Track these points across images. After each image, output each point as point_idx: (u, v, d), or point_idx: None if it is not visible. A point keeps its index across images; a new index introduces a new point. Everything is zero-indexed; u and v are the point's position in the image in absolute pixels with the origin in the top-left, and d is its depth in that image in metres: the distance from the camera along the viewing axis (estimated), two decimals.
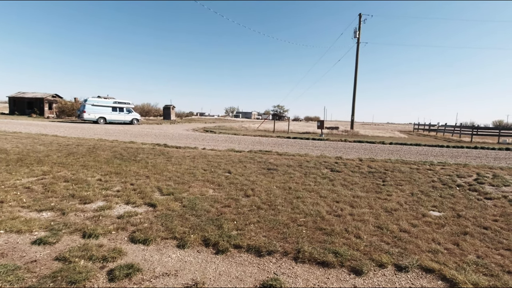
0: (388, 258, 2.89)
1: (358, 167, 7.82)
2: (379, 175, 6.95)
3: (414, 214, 4.30)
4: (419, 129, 39.71)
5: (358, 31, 25.21)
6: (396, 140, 19.40)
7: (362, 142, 16.81)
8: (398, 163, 8.76)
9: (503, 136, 22.73)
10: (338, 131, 24.63)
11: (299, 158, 8.99)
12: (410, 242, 3.29)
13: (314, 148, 12.67)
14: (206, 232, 3.33)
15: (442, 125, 32.56)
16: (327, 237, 3.33)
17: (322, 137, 18.39)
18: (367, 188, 5.68)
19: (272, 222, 3.70)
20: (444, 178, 6.81)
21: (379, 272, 2.71)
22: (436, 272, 2.71)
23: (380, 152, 12.08)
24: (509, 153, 13.93)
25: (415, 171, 7.63)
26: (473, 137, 22.86)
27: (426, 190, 5.70)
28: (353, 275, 2.65)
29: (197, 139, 15.15)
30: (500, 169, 8.40)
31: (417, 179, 6.62)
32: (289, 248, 3.05)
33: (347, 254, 2.92)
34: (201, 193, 4.90)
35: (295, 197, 4.85)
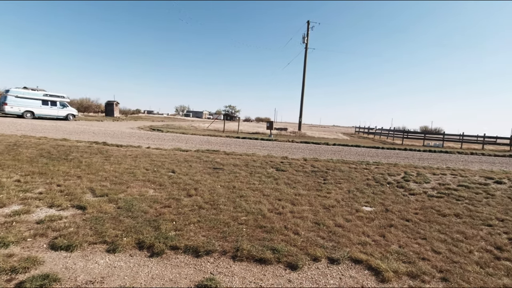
0: (322, 252, 3.03)
1: (302, 166, 8.14)
2: (321, 174, 7.32)
3: (349, 209, 4.60)
4: (359, 132, 43.10)
5: (306, 37, 26.41)
6: (339, 141, 20.72)
7: (308, 143, 17.60)
8: (339, 163, 9.33)
9: (427, 139, 25.86)
10: (286, 132, 25.45)
11: (246, 157, 9.04)
12: (343, 236, 3.50)
13: (262, 148, 12.89)
14: (141, 234, 3.12)
15: (379, 128, 35.83)
16: (266, 235, 3.37)
17: (271, 138, 18.83)
18: (309, 187, 5.93)
19: (213, 222, 3.62)
20: (377, 177, 7.43)
21: (313, 265, 2.82)
22: (364, 263, 2.91)
23: (324, 152, 12.77)
24: (431, 154, 15.83)
25: (353, 170, 8.20)
26: (404, 140, 25.63)
27: (361, 188, 6.15)
28: (288, 270, 2.71)
29: (141, 137, 14.33)
30: (423, 168, 9.46)
31: (354, 178, 7.12)
32: (228, 247, 3.02)
33: (284, 250, 2.99)
34: (140, 193, 4.61)
35: (239, 196, 4.84)
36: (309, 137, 23.53)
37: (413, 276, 2.72)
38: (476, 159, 14.59)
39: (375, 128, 37.70)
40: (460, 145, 23.10)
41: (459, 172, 8.89)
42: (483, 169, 10.37)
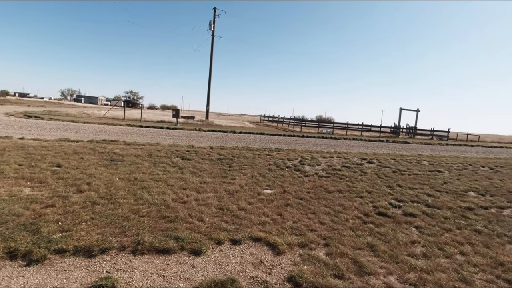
0: (225, 235, 3.18)
1: (208, 154, 8.19)
2: (227, 161, 7.53)
3: (252, 193, 4.91)
4: (265, 120, 45.77)
5: (213, 24, 26.16)
6: (246, 129, 21.60)
7: (216, 131, 17.76)
8: (244, 150, 9.77)
9: (321, 127, 29.55)
10: (194, 121, 25.00)
11: (149, 147, 8.52)
12: (245, 218, 3.73)
13: (167, 137, 12.35)
14: (13, 241, 2.62)
15: (281, 117, 38.84)
16: (170, 224, 3.30)
17: (177, 126, 18.19)
18: (215, 174, 6.04)
19: (110, 217, 3.33)
20: (278, 162, 8.11)
21: (216, 249, 2.93)
22: (263, 240, 3.19)
23: (230, 140, 13.12)
24: (323, 140, 18.19)
25: (257, 156, 8.73)
26: (302, 128, 28.59)
27: (263, 173, 6.62)
28: (192, 256, 2.75)
29: (11, 126, 11.74)
30: (316, 153, 10.81)
31: (258, 163, 7.60)
32: (128, 242, 2.84)
33: (188, 237, 3.00)
34: (10, 194, 3.82)
35: (141, 188, 4.56)
36: (216, 125, 23.72)
37: (303, 245, 3.14)
38: (356, 143, 17.52)
39: (278, 116, 40.75)
40: (345, 132, 27.29)
41: (343, 155, 10.52)
42: (360, 151, 12.55)
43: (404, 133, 32.59)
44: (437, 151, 15.98)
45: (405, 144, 20.32)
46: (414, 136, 31.01)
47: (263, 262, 2.75)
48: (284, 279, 2.51)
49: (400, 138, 26.85)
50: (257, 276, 2.51)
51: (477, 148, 21.37)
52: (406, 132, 32.74)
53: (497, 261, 3.12)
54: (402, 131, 32.30)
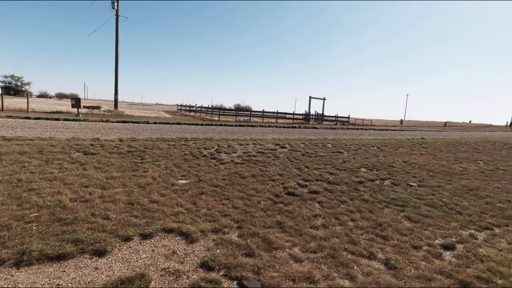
0: (135, 231, 3.00)
1: (117, 147, 7.49)
2: (139, 153, 7.03)
3: (165, 185, 4.73)
4: (182, 110, 44.16)
5: (116, 2, 23.46)
6: (161, 120, 20.43)
7: (127, 122, 16.29)
8: (158, 141, 9.26)
9: (239, 116, 30.16)
10: (100, 111, 22.36)
11: (40, 142, 7.26)
12: (157, 211, 3.58)
13: (65, 130, 10.73)
14: None
15: (199, 106, 38.07)
16: (67, 227, 2.93)
17: (79, 118, 15.98)
18: (124, 168, 5.58)
19: None
20: (194, 151, 7.97)
21: (124, 246, 2.74)
22: (176, 230, 3.13)
23: (143, 131, 12.24)
24: (240, 128, 18.63)
25: (172, 147, 8.39)
26: (221, 116, 28.64)
27: (178, 163, 6.42)
28: (96, 257, 2.51)
29: None
30: (232, 141, 11.01)
31: (173, 154, 7.32)
32: (8, 253, 2.40)
33: (90, 238, 2.72)
34: None
35: (27, 190, 3.88)
36: (128, 116, 21.75)
37: (216, 231, 3.21)
38: (271, 130, 18.52)
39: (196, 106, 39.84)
40: (262, 120, 28.51)
41: (258, 142, 11.00)
42: (274, 137, 13.33)
43: (314, 119, 36.01)
44: (340, 135, 18.18)
45: (314, 129, 22.48)
46: (322, 122, 34.59)
47: (175, 252, 2.71)
48: (197, 265, 2.53)
49: (310, 124, 29.60)
50: (169, 267, 2.46)
51: (369, 131, 25.15)
52: (315, 118, 36.24)
53: (377, 223, 3.80)
54: (312, 117, 35.61)
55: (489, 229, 3.88)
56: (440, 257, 3.03)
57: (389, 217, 4.07)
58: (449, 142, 17.15)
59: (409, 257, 2.94)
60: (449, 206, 4.74)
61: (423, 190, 5.64)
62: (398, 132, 25.59)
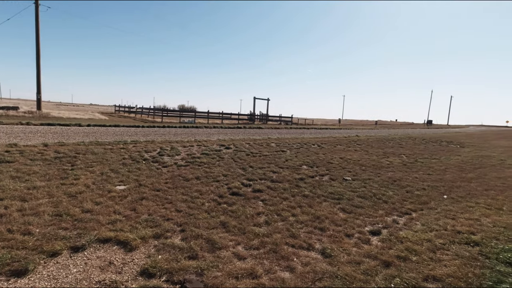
0: (64, 244, 2.73)
1: (41, 153, 6.67)
2: (69, 159, 6.37)
3: (101, 192, 4.38)
4: (120, 111, 41.16)
5: None
6: (96, 122, 18.78)
7: (54, 125, 14.60)
8: (92, 145, 8.50)
9: (183, 117, 29.29)
10: (18, 112, 19.61)
11: None
12: (91, 221, 3.31)
13: None
14: None
15: (140, 107, 35.93)
16: None
17: None
18: (50, 176, 5.01)
19: None
20: (134, 155, 7.52)
21: (50, 262, 2.48)
22: (113, 240, 2.93)
23: (74, 135, 11.11)
24: (184, 129, 18.10)
25: (109, 151, 7.79)
26: (164, 118, 27.46)
27: (116, 168, 5.99)
28: (15, 278, 2.23)
29: None
30: (176, 143, 10.65)
31: (110, 159, 6.80)
32: None
33: (6, 258, 2.40)
34: None
35: None
36: (55, 117, 19.50)
37: (158, 236, 3.09)
38: (216, 131, 18.38)
39: (136, 106, 37.53)
40: (207, 121, 28.12)
41: (203, 143, 10.84)
42: (220, 138, 13.27)
43: (259, 119, 36.79)
44: (283, 134, 18.89)
45: (259, 129, 22.97)
46: (267, 122, 35.53)
47: (112, 263, 2.54)
48: (136, 273, 2.41)
49: (255, 124, 30.16)
50: (105, 279, 2.30)
51: (311, 130, 26.61)
52: (260, 118, 37.06)
53: (316, 216, 4.06)
54: (256, 118, 36.33)
55: (408, 214, 4.45)
56: (369, 242, 3.37)
57: (327, 210, 4.39)
58: (379, 139, 19.09)
59: (342, 245, 3.21)
60: (377, 196, 5.29)
61: (356, 183, 6.20)
62: (336, 131, 27.59)
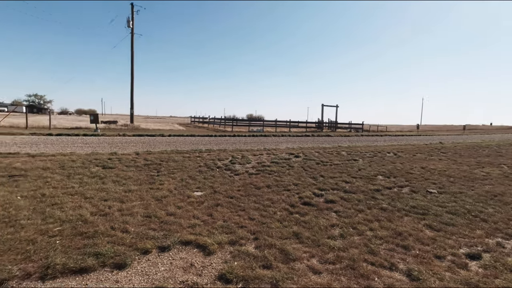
0: (153, 243, 3.04)
1: (134, 161, 7.67)
2: (154, 166, 7.17)
3: (181, 197, 4.79)
4: (195, 122, 44.87)
5: (132, 20, 24.41)
6: (175, 132, 20.82)
7: (142, 136, 16.69)
8: (173, 154, 9.42)
9: (252, 126, 30.38)
10: (117, 126, 23.02)
11: (61, 158, 7.53)
12: (174, 223, 3.63)
13: (84, 145, 11.09)
14: None
15: (212, 118, 38.58)
16: (89, 241, 3.01)
17: (97, 133, 16.51)
18: (141, 181, 5.70)
19: (9, 243, 2.86)
20: (208, 163, 8.05)
21: (143, 259, 2.78)
22: (193, 243, 3.15)
23: (158, 144, 12.49)
24: (253, 138, 18.71)
25: (187, 159, 8.51)
26: (234, 127, 28.91)
27: (193, 175, 6.50)
28: (116, 270, 2.56)
29: None
30: (246, 151, 11.06)
31: (188, 166, 7.42)
32: (34, 267, 2.48)
33: (110, 252, 2.78)
34: None
35: (50, 204, 4.02)
36: (143, 129, 22.30)
37: (233, 243, 3.21)
38: (284, 140, 18.50)
39: (209, 117, 40.37)
40: (275, 129, 28.60)
41: (272, 152, 11.00)
42: (288, 147, 13.31)
43: (327, 127, 35.78)
44: (354, 142, 17.96)
45: (328, 137, 22.31)
46: (336, 130, 34.32)
47: (193, 265, 2.73)
48: (214, 278, 2.53)
49: (324, 132, 29.41)
50: (187, 280, 2.47)
51: (385, 137, 24.70)
52: (329, 126, 35.99)
53: (397, 232, 3.69)
54: (325, 125, 35.38)
55: None
56: (466, 267, 2.91)
57: (409, 225, 3.96)
58: (469, 146, 16.61)
59: (432, 267, 2.84)
60: (472, 213, 4.56)
61: (444, 197, 5.46)
62: (414, 138, 25.02)
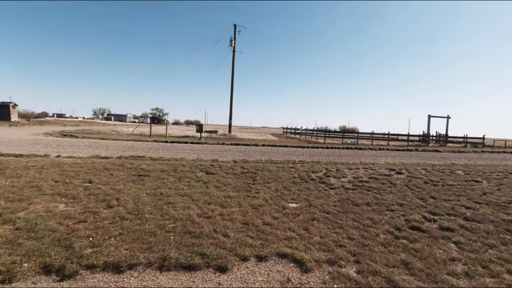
0: (251, 251, 3.11)
1: (232, 168, 8.22)
2: (250, 175, 7.51)
3: (277, 207, 4.82)
4: (287, 132, 45.66)
5: (234, 40, 26.85)
6: (268, 142, 21.58)
7: (239, 145, 17.88)
8: (267, 163, 9.72)
9: (345, 138, 28.97)
10: (216, 135, 25.40)
11: (174, 162, 8.70)
12: (271, 234, 3.65)
13: (191, 151, 12.59)
14: (48, 256, 2.72)
15: (304, 129, 38.63)
16: (195, 240, 3.30)
17: (201, 141, 18.54)
18: (239, 188, 6.03)
19: (137, 233, 3.38)
20: (302, 174, 7.97)
21: (242, 265, 2.87)
22: (290, 256, 3.09)
23: (253, 153, 13.14)
24: (348, 151, 17.74)
25: (281, 169, 8.63)
26: (326, 139, 28.14)
27: (288, 186, 6.51)
28: (218, 273, 2.70)
29: (49, 145, 12.50)
30: (341, 164, 10.53)
31: (282, 177, 7.50)
32: (154, 257, 2.85)
33: (214, 253, 2.97)
34: (47, 209, 4.01)
35: (166, 203, 4.63)
36: (239, 139, 23.93)
37: (331, 262, 3.00)
38: (383, 153, 16.90)
39: (301, 128, 40.52)
40: (371, 142, 26.53)
41: (370, 166, 10.16)
42: (388, 162, 12.07)
43: (434, 141, 31.07)
44: (473, 160, 15.01)
45: (436, 152, 19.32)
46: (445, 144, 29.46)
47: (290, 280, 2.65)
48: None
49: (430, 146, 25.62)
50: None
51: None
52: (436, 140, 31.20)
53: None
54: (431, 139, 30.83)
55: None
56: None
57: None
58: None
59: None
60: None
61: None
62: None
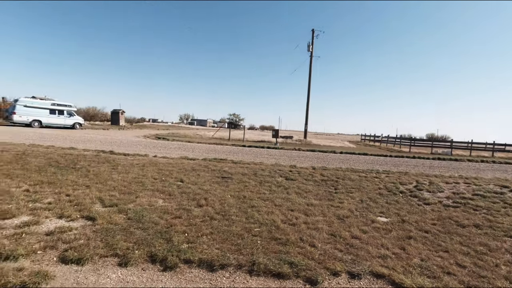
0: (342, 266, 2.90)
1: (311, 175, 8.00)
2: (331, 183, 7.17)
3: (364, 220, 4.45)
4: (365, 140, 42.74)
5: (311, 45, 26.53)
6: (346, 149, 20.52)
7: (315, 151, 17.45)
8: (348, 172, 9.18)
9: (435, 147, 25.54)
10: (292, 140, 25.34)
11: (254, 166, 8.94)
12: (361, 249, 3.36)
13: (269, 156, 12.79)
14: (153, 246, 3.02)
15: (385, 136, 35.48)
16: (282, 247, 3.24)
17: (277, 146, 18.73)
18: (320, 196, 5.80)
19: (226, 233, 3.51)
20: (389, 186, 7.26)
21: (333, 281, 2.68)
22: (387, 277, 2.77)
23: (331, 161, 12.61)
24: (440, 162, 15.57)
25: (364, 179, 8.04)
26: (411, 147, 25.33)
27: (373, 197, 5.99)
28: (308, 285, 2.58)
29: (148, 146, 14.33)
30: (434, 177, 9.25)
31: (366, 187, 6.96)
32: (244, 260, 2.90)
33: (302, 264, 2.86)
34: (149, 203, 4.52)
35: (250, 206, 4.73)
36: (315, 145, 23.39)
37: None
38: (488, 167, 14.30)
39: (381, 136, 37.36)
40: (469, 153, 22.78)
41: (473, 181, 8.67)
42: (497, 177, 10.13)
43: None
44: None
45: None
46: None
47: None
48: None
49: None
50: None
51: None
52: None
53: None
54: None
55: None
56: None
57: None
58: None
59: None
60: None
61: None
62: None
